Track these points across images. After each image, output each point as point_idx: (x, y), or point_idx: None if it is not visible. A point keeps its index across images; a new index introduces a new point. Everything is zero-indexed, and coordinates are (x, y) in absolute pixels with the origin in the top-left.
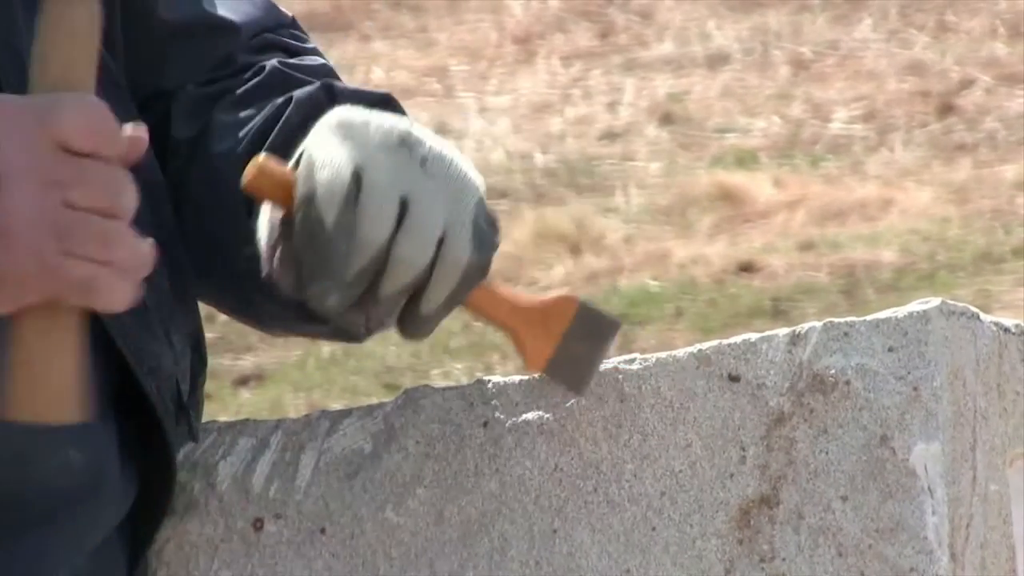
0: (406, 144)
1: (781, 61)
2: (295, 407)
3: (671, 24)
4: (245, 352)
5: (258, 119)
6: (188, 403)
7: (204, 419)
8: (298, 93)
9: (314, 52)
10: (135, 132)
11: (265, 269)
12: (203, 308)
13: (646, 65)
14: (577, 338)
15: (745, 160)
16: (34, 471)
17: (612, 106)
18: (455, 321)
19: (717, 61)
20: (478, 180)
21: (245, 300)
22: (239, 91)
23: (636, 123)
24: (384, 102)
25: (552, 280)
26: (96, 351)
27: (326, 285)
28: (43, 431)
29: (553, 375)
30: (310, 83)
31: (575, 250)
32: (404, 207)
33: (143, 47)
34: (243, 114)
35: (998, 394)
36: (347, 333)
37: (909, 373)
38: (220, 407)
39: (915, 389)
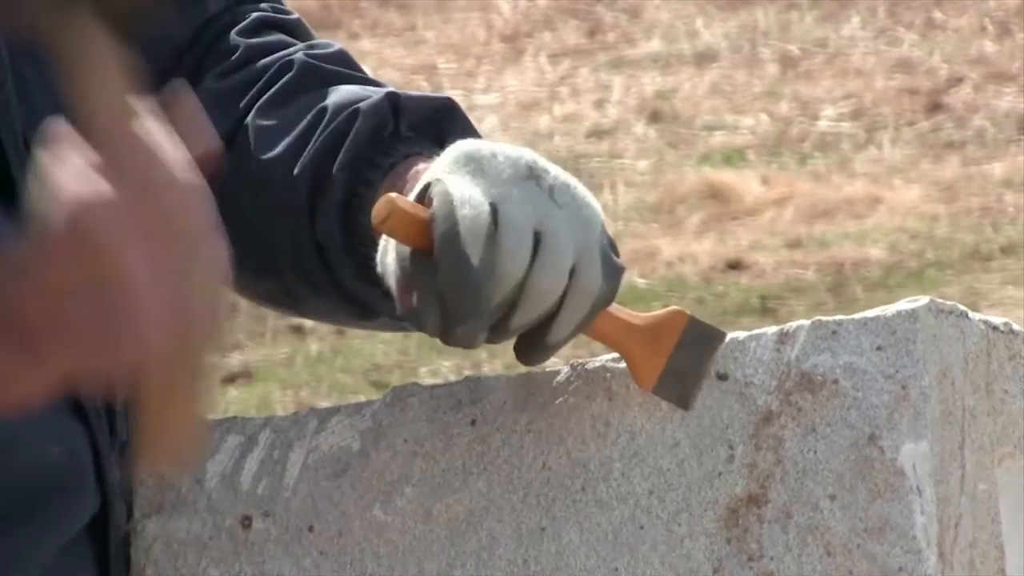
0: (534, 174)
1: (769, 59)
2: (283, 405)
3: (659, 22)
4: (233, 350)
5: (301, 125)
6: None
7: None
8: (364, 106)
9: (299, 24)
10: (211, 148)
11: (400, 309)
12: None
13: (634, 63)
14: (684, 352)
15: (733, 158)
16: (13, 466)
17: (600, 104)
18: None
19: (705, 59)
20: (598, 206)
21: (288, 293)
22: (272, 91)
23: (624, 121)
24: (445, 108)
25: None
26: None
27: (473, 325)
28: (23, 427)
29: (662, 393)
30: (338, 75)
31: None
32: (537, 239)
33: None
34: (282, 117)
35: (986, 393)
36: (403, 328)
37: (897, 372)
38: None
39: (903, 388)
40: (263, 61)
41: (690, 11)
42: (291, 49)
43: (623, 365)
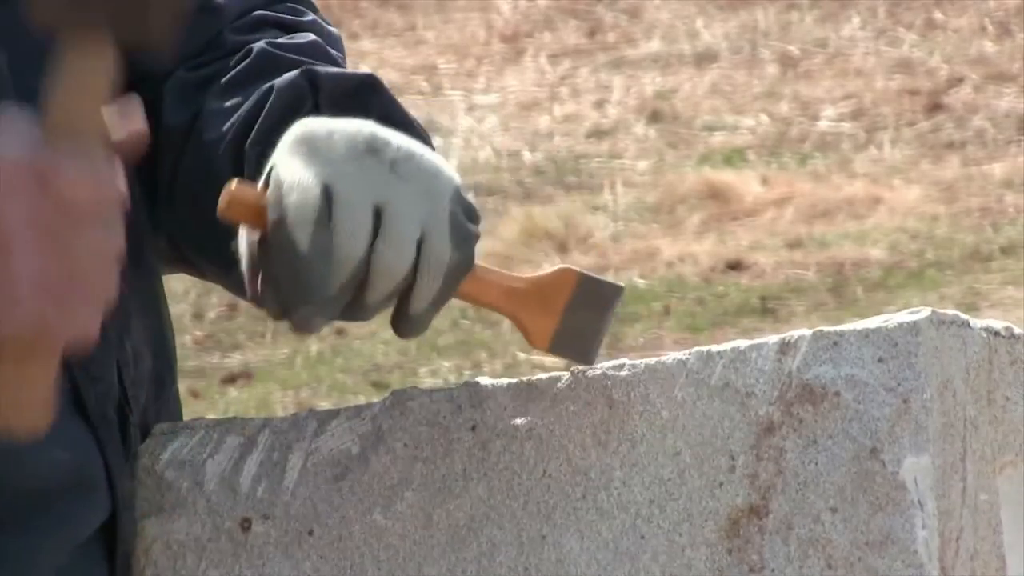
0: (373, 149)
1: (769, 59)
2: (283, 405)
3: (659, 22)
4: (233, 350)
5: (245, 107)
6: (149, 409)
7: (191, 417)
8: (279, 81)
9: (312, 26)
10: (135, 129)
11: (249, 293)
12: (191, 307)
13: (634, 63)
14: (580, 309)
15: (733, 158)
16: (21, 471)
17: (600, 104)
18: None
19: (705, 59)
20: (451, 172)
21: (239, 286)
22: (227, 76)
23: (624, 121)
24: (366, 85)
25: None
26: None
27: (309, 310)
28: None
29: (558, 351)
30: (299, 64)
31: (563, 248)
32: (379, 215)
33: None
34: (231, 101)
35: (988, 402)
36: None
37: (899, 384)
38: (208, 405)
39: (905, 401)
40: (236, 55)
41: (690, 11)
42: (260, 34)
43: (624, 373)
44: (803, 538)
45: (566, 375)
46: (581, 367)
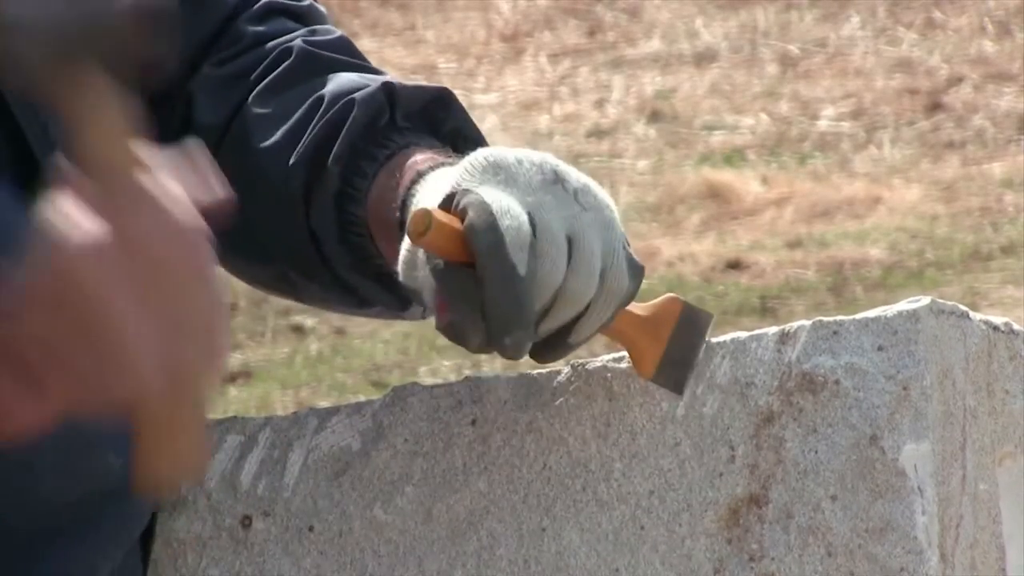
0: (559, 179)
1: (769, 59)
2: (283, 404)
3: (659, 21)
4: (232, 350)
5: (299, 113)
6: None
7: None
8: (360, 96)
9: (311, 11)
10: (223, 198)
11: (440, 324)
12: None
13: (634, 63)
14: (680, 338)
15: (733, 158)
16: (77, 475)
17: (600, 104)
18: None
19: (705, 58)
20: (615, 205)
21: (282, 279)
22: (270, 78)
23: (624, 121)
24: (440, 99)
25: None
26: None
27: (520, 335)
28: (81, 434)
29: (659, 380)
30: (337, 64)
31: None
32: (570, 244)
33: None
34: (279, 105)
35: (987, 393)
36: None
37: (899, 372)
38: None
39: (905, 388)
40: (262, 48)
41: (690, 11)
42: (291, 35)
43: (624, 365)
44: (803, 526)
45: (566, 368)
46: (676, 395)
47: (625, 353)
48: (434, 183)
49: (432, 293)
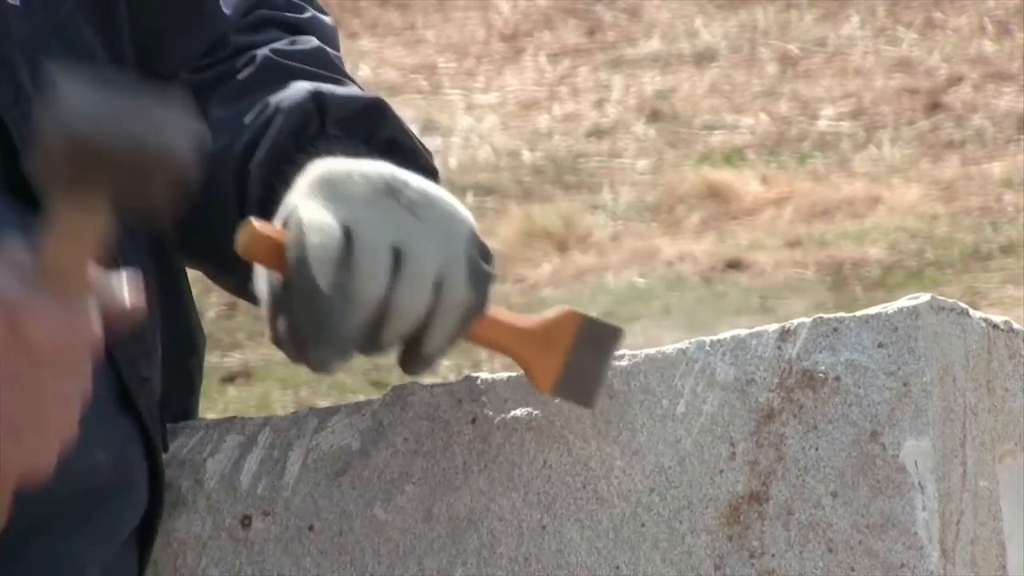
0: (391, 191)
1: (768, 58)
2: (282, 404)
3: (658, 21)
4: (232, 349)
5: (248, 120)
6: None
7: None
8: (285, 102)
9: (312, 23)
10: (134, 304)
11: (269, 333)
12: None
13: (633, 62)
14: (581, 352)
15: (732, 157)
16: (64, 472)
17: (599, 103)
18: None
19: (704, 58)
20: (467, 214)
21: (243, 287)
22: (231, 83)
23: (623, 120)
24: (372, 108)
25: (539, 277)
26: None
27: (326, 351)
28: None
29: (562, 393)
30: (302, 73)
31: (562, 247)
32: (398, 256)
33: (147, 27)
34: (234, 110)
35: (987, 390)
36: None
37: (899, 369)
38: (207, 404)
39: (905, 385)
40: (238, 58)
41: (690, 10)
42: (262, 33)
43: (624, 363)
44: (803, 523)
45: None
46: (584, 407)
47: (625, 351)
48: (294, 189)
49: (264, 305)
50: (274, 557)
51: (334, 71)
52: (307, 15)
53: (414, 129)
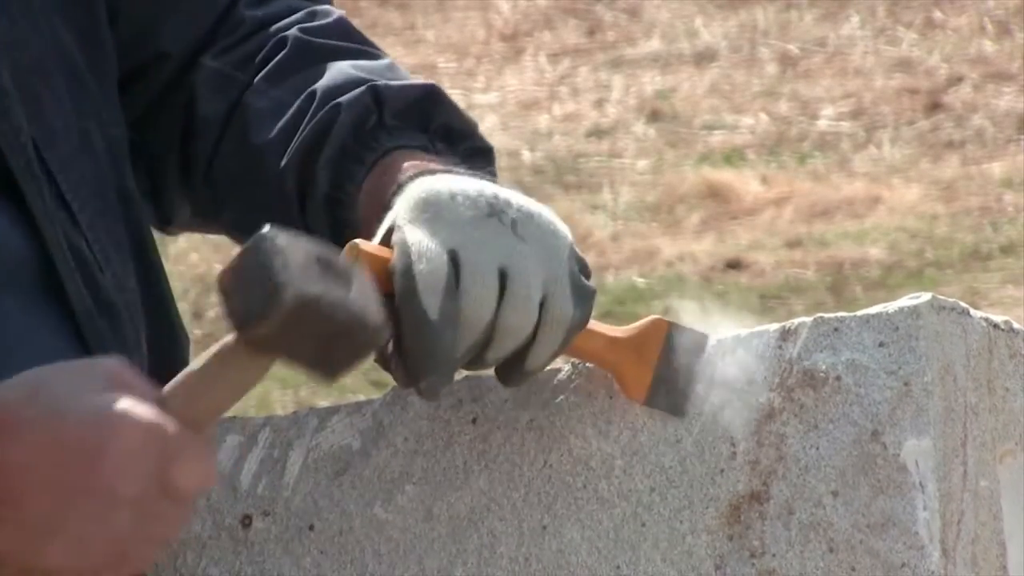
0: (495, 211)
1: (768, 58)
2: (283, 404)
3: (658, 21)
4: None
5: (293, 109)
6: None
7: None
8: (345, 100)
9: None
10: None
11: (377, 355)
12: (191, 307)
13: (633, 62)
14: (670, 360)
15: (732, 157)
16: None
17: (600, 103)
18: None
19: (704, 58)
20: (565, 229)
21: None
22: (265, 70)
23: (624, 120)
24: (428, 95)
25: None
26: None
27: (435, 380)
28: None
29: (654, 403)
30: (333, 50)
31: None
32: (504, 277)
33: (136, 10)
34: (274, 99)
35: (988, 390)
36: None
37: (900, 368)
38: None
39: (906, 384)
40: (262, 34)
41: (689, 10)
42: (288, 21)
43: None
44: (804, 522)
45: (566, 366)
46: (675, 417)
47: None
48: (398, 206)
49: None
50: (274, 557)
51: (358, 41)
52: None
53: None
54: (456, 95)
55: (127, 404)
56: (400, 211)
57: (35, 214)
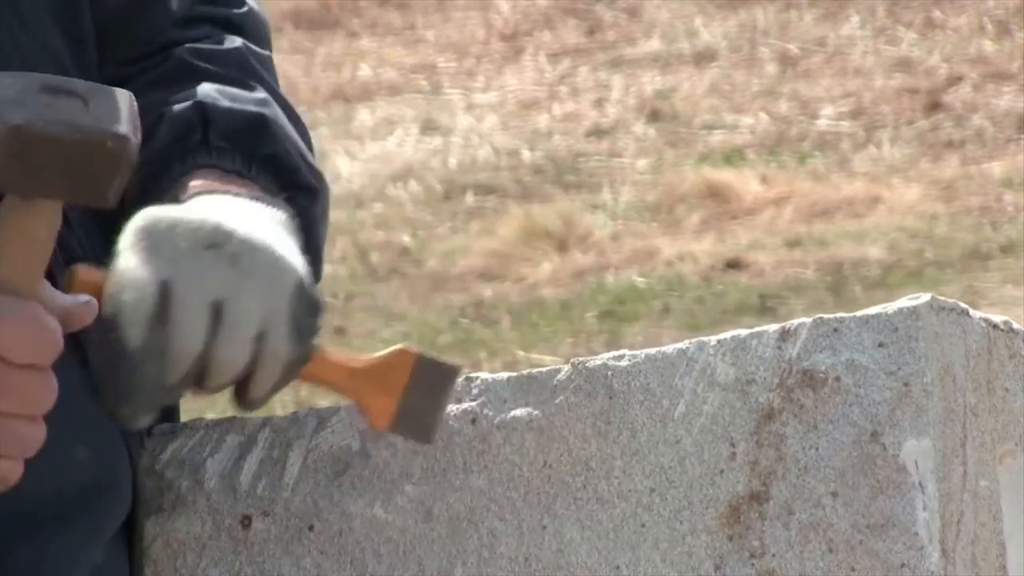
0: (215, 243)
1: (768, 58)
2: (282, 404)
3: (658, 21)
4: None
5: (150, 121)
6: None
7: (191, 417)
8: (171, 111)
9: (243, 19)
10: (80, 306)
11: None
12: None
13: (633, 62)
14: (418, 390)
15: (732, 157)
16: (44, 470)
17: (599, 103)
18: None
19: (704, 58)
20: (295, 265)
21: None
22: (140, 80)
23: (623, 120)
24: (256, 123)
25: (539, 277)
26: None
27: (131, 409)
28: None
29: (399, 430)
30: (212, 75)
31: (562, 247)
32: (218, 310)
33: (99, 17)
34: (141, 107)
35: (987, 390)
36: None
37: (899, 369)
38: (207, 404)
39: (905, 385)
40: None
41: (689, 10)
42: (194, 29)
43: (624, 363)
44: (804, 523)
45: (566, 367)
46: (423, 442)
47: (625, 351)
48: (132, 224)
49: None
50: (274, 557)
51: (247, 73)
52: (243, 10)
53: (314, 149)
54: (456, 95)
55: None
56: (123, 239)
57: None
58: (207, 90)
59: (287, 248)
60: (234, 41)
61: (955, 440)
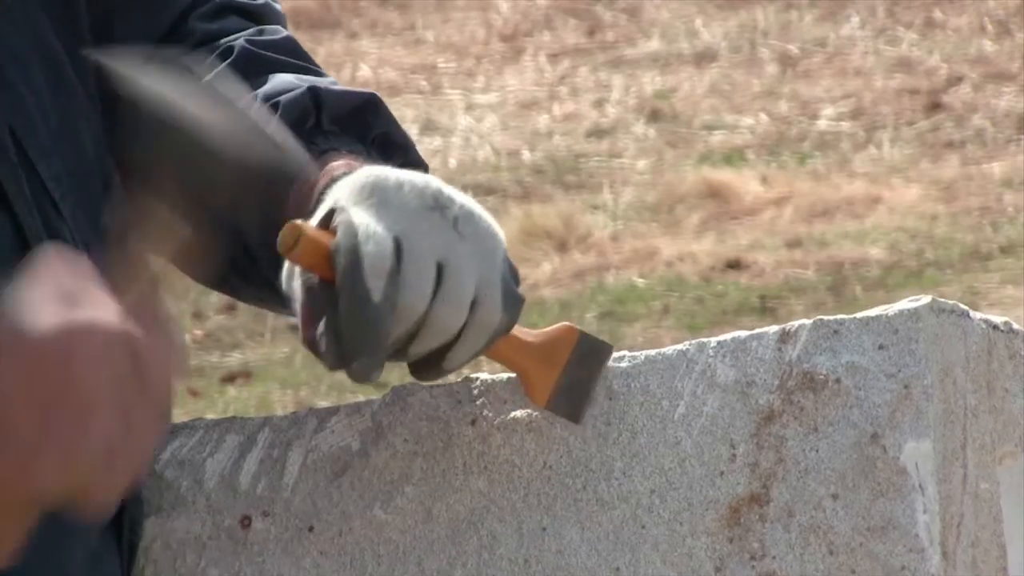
0: (439, 205)
1: (768, 58)
2: (282, 404)
3: (658, 21)
4: (232, 349)
5: None
6: None
7: (191, 417)
8: (285, 98)
9: (263, 9)
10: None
11: (304, 336)
12: (191, 307)
13: (633, 62)
14: (575, 366)
15: (732, 157)
16: None
17: (599, 103)
18: None
19: (704, 58)
20: (501, 233)
21: (224, 281)
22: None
23: (623, 120)
24: (368, 105)
25: (539, 277)
26: None
27: (368, 362)
28: None
29: (554, 407)
30: (277, 63)
31: (562, 247)
32: (440, 272)
33: (94, 9)
34: None
35: (988, 392)
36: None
37: (900, 371)
38: (207, 404)
39: (906, 387)
40: (208, 46)
41: (689, 10)
42: (235, 35)
43: (624, 364)
44: (804, 525)
45: None
46: (572, 422)
47: (625, 353)
48: (339, 191)
49: (299, 306)
50: (274, 557)
51: (306, 60)
52: (260, 1)
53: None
54: (456, 95)
55: (87, 312)
56: (344, 195)
57: (11, 199)
58: (286, 77)
59: (491, 217)
60: (278, 30)
61: (955, 442)
